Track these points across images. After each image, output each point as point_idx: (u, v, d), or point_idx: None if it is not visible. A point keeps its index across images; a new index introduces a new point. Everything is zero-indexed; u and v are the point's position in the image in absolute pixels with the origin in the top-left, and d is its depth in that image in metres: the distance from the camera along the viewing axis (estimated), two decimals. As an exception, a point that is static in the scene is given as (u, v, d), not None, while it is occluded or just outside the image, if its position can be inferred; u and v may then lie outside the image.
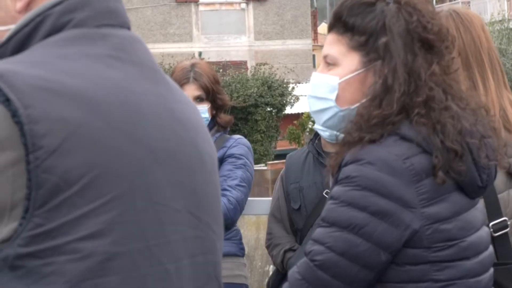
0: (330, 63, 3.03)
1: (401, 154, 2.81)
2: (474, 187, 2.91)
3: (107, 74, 1.98)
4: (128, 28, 2.15)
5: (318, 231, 2.89)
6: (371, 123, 2.85)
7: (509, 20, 25.55)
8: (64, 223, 1.81)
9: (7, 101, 1.80)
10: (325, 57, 3.06)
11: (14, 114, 1.79)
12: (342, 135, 3.07)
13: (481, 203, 3.07)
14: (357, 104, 2.95)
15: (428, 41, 2.93)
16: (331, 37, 3.06)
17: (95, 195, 1.84)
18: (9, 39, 2.00)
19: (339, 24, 3.02)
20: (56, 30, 1.98)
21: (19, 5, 2.03)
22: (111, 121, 1.92)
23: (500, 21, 25.22)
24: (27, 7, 2.03)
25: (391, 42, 2.90)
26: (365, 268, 2.82)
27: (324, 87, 3.04)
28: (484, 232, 3.00)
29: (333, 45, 3.03)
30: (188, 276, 2.03)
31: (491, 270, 3.01)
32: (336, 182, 2.89)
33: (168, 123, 2.06)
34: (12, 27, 2.02)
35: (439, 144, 2.81)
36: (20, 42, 1.99)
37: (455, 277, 2.85)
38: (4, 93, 1.80)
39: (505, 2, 37.42)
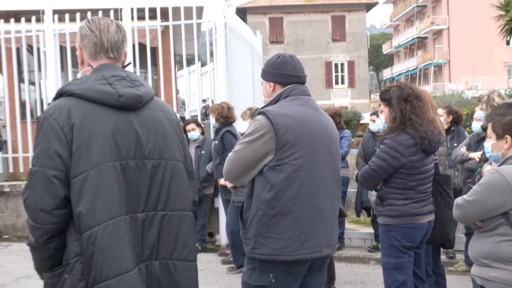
0: (382, 111, 2.90)
1: (405, 138, 2.71)
2: (429, 152, 2.75)
3: (300, 109, 1.88)
4: (308, 95, 1.98)
5: (373, 159, 2.78)
6: (395, 127, 2.75)
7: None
8: (286, 155, 1.79)
9: (269, 119, 1.81)
10: (381, 111, 2.95)
11: (272, 123, 1.81)
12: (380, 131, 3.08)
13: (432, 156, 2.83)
14: (389, 124, 2.82)
15: (407, 100, 2.76)
16: (382, 103, 2.89)
17: (294, 147, 1.79)
18: (274, 98, 1.93)
19: (381, 98, 2.88)
20: (286, 97, 1.91)
21: (270, 90, 1.96)
22: (301, 125, 1.83)
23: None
24: (274, 89, 1.94)
25: (395, 102, 2.77)
26: (385, 173, 2.72)
27: (381, 120, 2.92)
28: (431, 166, 2.81)
29: (382, 106, 2.88)
30: (327, 176, 1.87)
31: (432, 178, 2.82)
32: (382, 144, 2.79)
33: (319, 125, 1.90)
34: (271, 98, 1.93)
35: (419, 134, 2.69)
36: (275, 100, 1.92)
37: (416, 179, 2.72)
38: (268, 117, 1.81)
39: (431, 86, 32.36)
